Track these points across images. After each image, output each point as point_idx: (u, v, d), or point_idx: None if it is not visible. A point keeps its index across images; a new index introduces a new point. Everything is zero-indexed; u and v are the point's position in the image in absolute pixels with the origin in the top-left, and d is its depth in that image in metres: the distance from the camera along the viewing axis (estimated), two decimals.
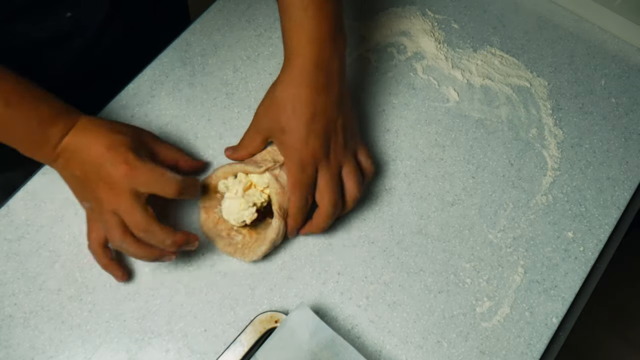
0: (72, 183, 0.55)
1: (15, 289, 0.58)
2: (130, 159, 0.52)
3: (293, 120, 0.55)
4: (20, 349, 0.56)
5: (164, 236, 0.53)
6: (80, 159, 0.53)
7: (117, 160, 0.52)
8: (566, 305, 0.60)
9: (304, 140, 0.55)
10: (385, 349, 0.57)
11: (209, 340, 0.57)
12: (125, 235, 0.53)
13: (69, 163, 0.54)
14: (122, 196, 0.52)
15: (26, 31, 0.62)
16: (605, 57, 0.74)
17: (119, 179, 0.52)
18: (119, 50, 0.74)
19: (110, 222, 0.53)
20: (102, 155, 0.52)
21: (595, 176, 0.66)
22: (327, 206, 0.57)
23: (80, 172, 0.53)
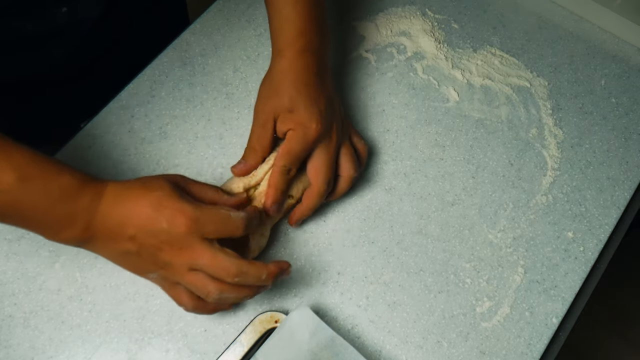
0: (126, 260, 0.50)
1: (15, 289, 0.58)
2: (186, 209, 0.47)
3: (300, 99, 0.56)
4: (20, 349, 0.56)
5: (259, 272, 0.49)
6: (127, 231, 0.47)
7: (172, 216, 0.47)
8: (566, 305, 0.60)
9: (310, 117, 0.56)
10: (385, 349, 0.57)
11: (209, 340, 0.57)
12: (220, 285, 0.48)
13: (114, 240, 0.48)
14: (196, 250, 0.47)
15: (20, 26, 0.62)
16: (605, 57, 0.74)
17: (183, 235, 0.47)
18: (117, 46, 0.74)
19: (196, 281, 0.48)
20: (153, 218, 0.47)
21: (595, 176, 0.66)
22: (320, 184, 0.57)
23: (134, 245, 0.48)
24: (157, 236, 0.47)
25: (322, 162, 0.57)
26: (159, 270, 0.49)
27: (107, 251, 0.50)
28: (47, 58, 0.67)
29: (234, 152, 0.65)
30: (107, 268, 0.59)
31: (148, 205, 0.47)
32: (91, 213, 0.48)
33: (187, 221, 0.47)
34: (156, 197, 0.48)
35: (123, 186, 0.49)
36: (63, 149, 0.64)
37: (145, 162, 0.64)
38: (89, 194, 0.48)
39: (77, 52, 0.69)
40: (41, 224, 0.48)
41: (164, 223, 0.47)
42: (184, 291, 0.50)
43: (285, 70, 0.57)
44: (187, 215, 0.47)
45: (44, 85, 0.71)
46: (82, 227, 0.48)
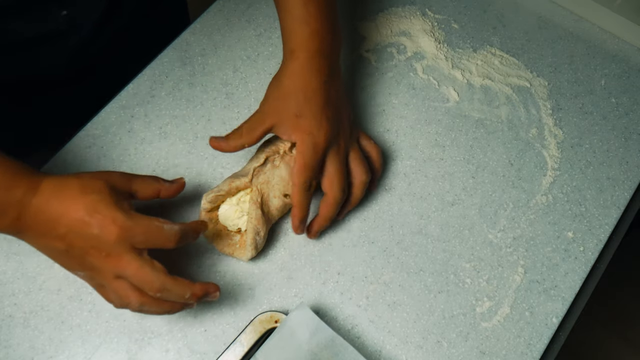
0: (54, 255, 0.50)
1: (15, 289, 0.58)
2: (119, 218, 0.47)
3: (307, 106, 0.55)
4: (20, 349, 0.56)
5: (182, 290, 0.49)
6: (58, 230, 0.47)
7: (104, 224, 0.46)
8: (566, 305, 0.60)
9: (318, 125, 0.55)
10: (385, 349, 0.57)
11: (209, 340, 0.57)
12: (142, 296, 0.48)
13: (44, 235, 0.48)
14: (124, 259, 0.47)
15: (20, 29, 0.62)
16: (605, 57, 0.74)
17: (113, 243, 0.47)
18: (117, 48, 0.74)
19: (120, 288, 0.48)
20: (85, 222, 0.47)
21: (595, 176, 0.66)
22: (336, 192, 0.57)
23: (62, 244, 0.48)
24: (87, 240, 0.47)
25: (334, 169, 0.57)
26: (85, 270, 0.49)
27: (38, 245, 0.50)
28: (47, 60, 0.67)
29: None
30: None
31: (82, 209, 0.47)
32: (23, 206, 0.47)
33: (118, 230, 0.47)
34: (91, 200, 0.47)
35: (60, 183, 0.48)
36: (63, 149, 0.64)
37: (145, 162, 0.64)
38: (23, 187, 0.47)
39: (77, 54, 0.69)
40: None
41: (95, 229, 0.47)
42: (110, 291, 0.50)
43: (296, 73, 0.56)
44: (119, 224, 0.47)
45: (44, 86, 0.71)
46: (12, 218, 0.47)
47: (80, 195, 0.47)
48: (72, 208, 0.47)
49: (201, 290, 0.50)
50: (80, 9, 0.64)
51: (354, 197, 0.60)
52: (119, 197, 0.49)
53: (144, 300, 0.48)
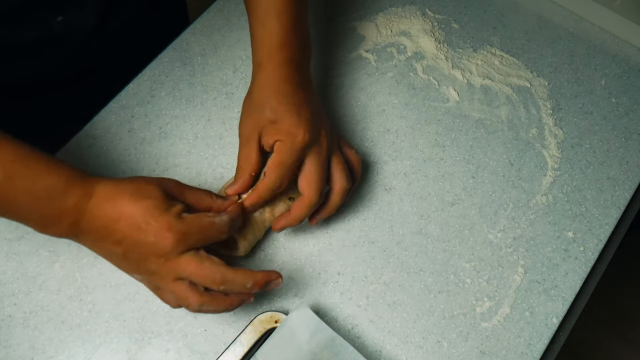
0: (113, 259, 0.50)
1: (15, 289, 0.58)
2: (173, 224, 0.47)
3: (281, 109, 0.53)
4: (20, 349, 0.56)
5: (245, 279, 0.49)
6: (114, 236, 0.48)
7: (160, 231, 0.47)
8: (566, 305, 0.60)
9: (296, 125, 0.53)
10: (385, 349, 0.57)
11: (209, 340, 0.57)
12: (202, 296, 0.48)
13: (101, 240, 0.49)
14: (182, 261, 0.47)
15: (16, 36, 0.62)
16: (606, 57, 0.74)
17: (170, 249, 0.47)
18: (116, 49, 0.74)
19: (179, 290, 0.48)
20: (141, 229, 0.47)
21: (595, 176, 0.66)
22: (312, 193, 0.54)
23: (119, 249, 0.48)
24: (144, 247, 0.47)
25: (313, 171, 0.54)
26: (143, 274, 0.50)
27: (96, 249, 0.50)
28: (46, 64, 0.67)
29: (234, 152, 0.65)
30: (107, 268, 0.59)
31: (137, 214, 0.47)
32: (79, 212, 0.48)
33: (175, 235, 0.47)
34: (146, 206, 0.47)
35: (114, 188, 0.49)
36: (63, 149, 0.64)
37: (145, 162, 0.64)
38: (77, 194, 0.47)
39: (75, 58, 0.69)
40: (27, 219, 0.48)
41: (151, 236, 0.47)
42: (167, 292, 0.50)
43: (264, 82, 0.55)
44: (175, 230, 0.47)
45: (42, 88, 0.71)
46: (68, 225, 0.48)
47: (134, 200, 0.48)
48: (126, 214, 0.47)
49: (263, 278, 0.50)
50: (76, 14, 0.64)
51: (331, 204, 0.57)
52: (171, 202, 0.49)
53: (204, 299, 0.49)
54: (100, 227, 0.48)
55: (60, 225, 0.48)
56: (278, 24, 0.55)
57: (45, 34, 0.63)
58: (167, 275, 0.48)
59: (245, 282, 0.49)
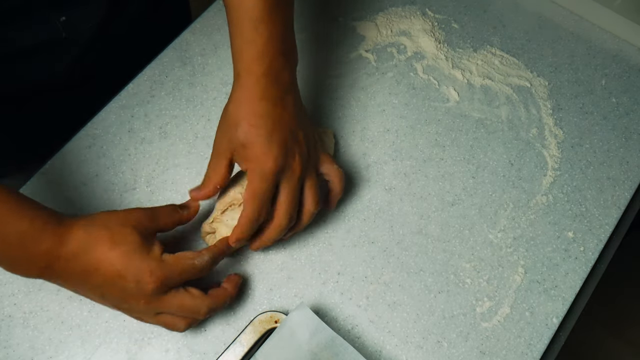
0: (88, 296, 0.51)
1: (14, 289, 0.58)
2: (154, 269, 0.48)
3: (252, 133, 0.52)
4: (19, 349, 0.56)
5: (223, 301, 0.53)
6: (92, 281, 0.48)
7: (140, 277, 0.48)
8: (566, 305, 0.60)
9: (266, 152, 0.52)
10: (385, 349, 0.57)
11: (208, 340, 0.57)
12: (188, 322, 0.51)
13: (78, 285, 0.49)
14: (164, 301, 0.49)
15: (19, 37, 0.62)
16: (606, 56, 0.74)
17: (151, 293, 0.48)
18: (118, 50, 0.74)
19: (165, 322, 0.51)
20: (121, 276, 0.47)
21: (595, 176, 0.66)
22: (282, 218, 0.54)
23: (99, 293, 0.49)
24: (124, 291, 0.48)
25: (284, 196, 0.54)
26: (123, 311, 0.51)
27: (70, 289, 0.50)
28: (48, 67, 0.67)
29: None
30: None
31: (116, 263, 0.47)
32: (51, 258, 0.47)
33: (155, 280, 0.48)
34: (124, 252, 0.48)
35: (88, 235, 0.48)
36: (63, 149, 0.64)
37: (145, 161, 0.64)
38: (49, 240, 0.47)
39: (77, 60, 0.69)
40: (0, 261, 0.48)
41: (132, 283, 0.48)
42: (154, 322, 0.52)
43: (240, 100, 0.53)
44: (155, 275, 0.48)
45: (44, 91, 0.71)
46: (38, 269, 0.48)
47: (111, 248, 0.48)
48: (105, 262, 0.47)
49: (233, 289, 0.55)
50: (79, 14, 0.64)
51: (301, 225, 0.57)
52: (149, 242, 0.50)
53: (193, 323, 0.52)
54: (76, 274, 0.48)
55: (30, 269, 0.48)
56: (256, 33, 0.53)
57: (48, 36, 0.63)
58: (149, 313, 0.50)
59: (224, 302, 0.53)
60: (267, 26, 0.53)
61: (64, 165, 0.63)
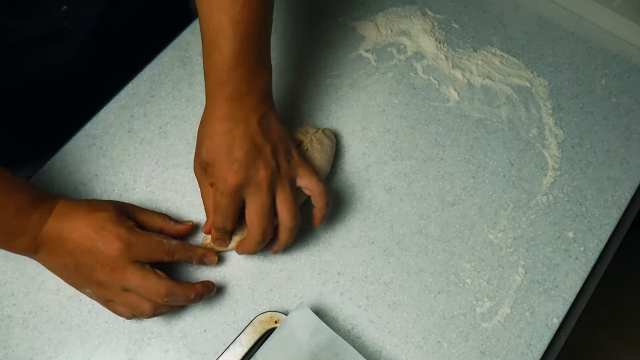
0: (64, 273, 0.54)
1: (14, 289, 0.58)
2: (122, 234, 0.51)
3: (214, 152, 0.54)
4: (19, 349, 0.56)
5: (187, 292, 0.54)
6: (67, 246, 0.51)
7: (108, 239, 0.51)
8: (567, 305, 0.60)
9: (227, 169, 0.53)
10: (385, 349, 0.57)
11: (208, 340, 0.57)
12: (154, 304, 0.53)
13: (55, 252, 0.52)
14: (127, 272, 0.51)
15: (21, 27, 0.61)
16: (606, 56, 0.74)
17: (117, 257, 0.51)
18: (118, 47, 0.74)
19: (130, 301, 0.52)
20: (91, 238, 0.51)
21: (595, 176, 0.66)
22: (256, 234, 0.55)
23: (71, 259, 0.52)
24: (93, 255, 0.51)
25: (253, 211, 0.54)
26: (92, 287, 0.53)
27: (50, 263, 0.53)
28: (49, 59, 0.67)
29: None
30: None
31: (89, 225, 0.51)
32: (39, 227, 0.51)
33: (121, 245, 0.51)
34: (98, 218, 0.52)
35: (71, 205, 0.53)
36: (62, 149, 0.64)
37: (145, 161, 0.64)
38: (40, 211, 0.51)
39: (78, 52, 0.69)
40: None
41: (99, 244, 0.51)
42: (118, 304, 0.54)
43: (206, 120, 0.55)
44: (122, 239, 0.51)
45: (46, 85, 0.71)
46: (29, 238, 0.51)
47: (88, 213, 0.52)
48: (80, 225, 0.51)
49: (203, 288, 0.55)
50: (80, 4, 0.64)
51: (280, 241, 0.57)
52: (124, 217, 0.54)
53: (157, 305, 0.53)
54: (54, 239, 0.52)
55: (21, 239, 0.51)
56: (220, 57, 0.53)
57: (50, 27, 0.63)
58: (115, 286, 0.52)
59: (188, 295, 0.54)
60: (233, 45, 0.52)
61: (63, 165, 0.63)
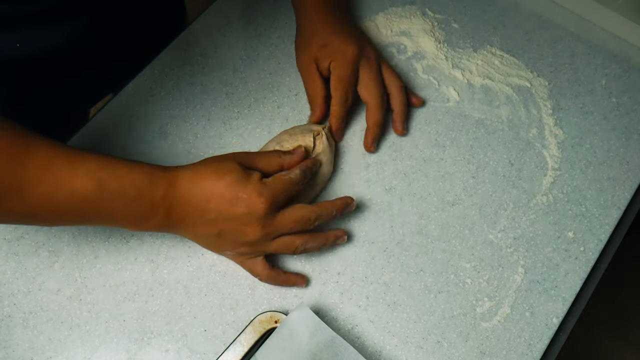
0: (207, 241, 0.54)
1: (14, 289, 0.58)
2: (261, 191, 0.51)
3: (328, 33, 0.63)
4: (19, 349, 0.56)
5: (329, 210, 0.55)
6: (207, 216, 0.51)
7: (252, 200, 0.51)
8: (567, 305, 0.60)
9: (344, 43, 0.62)
10: (385, 349, 0.57)
11: (208, 340, 0.57)
12: (304, 238, 0.55)
13: (194, 224, 0.52)
14: (277, 221, 0.52)
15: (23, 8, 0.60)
16: (606, 56, 0.74)
17: (264, 213, 0.51)
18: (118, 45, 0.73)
19: (282, 244, 0.54)
20: (233, 203, 0.50)
21: (595, 176, 0.66)
22: (375, 97, 0.63)
23: (215, 229, 0.52)
24: (238, 219, 0.51)
25: (369, 78, 0.63)
26: (239, 249, 0.54)
27: (192, 234, 0.53)
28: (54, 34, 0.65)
29: (233, 151, 0.65)
30: (107, 268, 0.59)
31: (224, 191, 0.50)
32: (168, 202, 0.50)
33: (265, 201, 0.51)
34: (230, 181, 0.51)
35: (194, 172, 0.52)
36: None
37: (144, 161, 0.64)
38: (163, 185, 0.50)
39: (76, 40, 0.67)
40: (125, 220, 0.50)
41: (244, 207, 0.50)
42: (259, 262, 0.55)
43: (308, 20, 0.65)
44: (264, 195, 0.51)
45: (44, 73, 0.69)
46: (162, 216, 0.51)
47: (217, 179, 0.51)
48: (215, 193, 0.50)
49: (342, 203, 0.57)
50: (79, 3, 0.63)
51: (397, 103, 0.65)
52: (249, 171, 0.53)
53: (306, 237, 0.55)
54: (192, 212, 0.51)
55: (154, 219, 0.51)
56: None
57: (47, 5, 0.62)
58: (265, 240, 0.53)
59: (330, 211, 0.55)
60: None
61: None
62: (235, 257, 0.56)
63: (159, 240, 0.61)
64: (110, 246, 0.60)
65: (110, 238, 0.61)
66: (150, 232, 0.61)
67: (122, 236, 0.61)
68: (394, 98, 0.65)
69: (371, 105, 0.63)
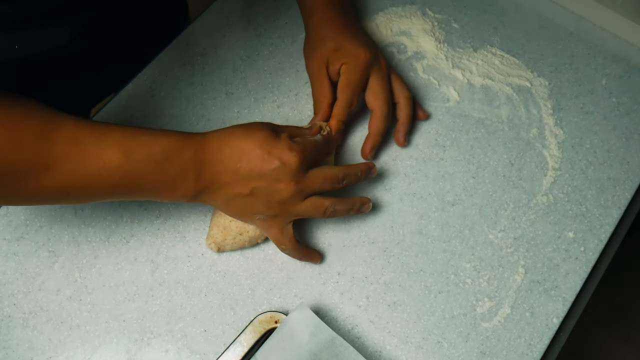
0: (237, 204, 0.53)
1: (14, 289, 0.58)
2: (292, 146, 0.52)
3: (342, 38, 0.62)
4: (19, 349, 0.56)
5: (355, 169, 0.56)
6: (240, 174, 0.51)
7: (284, 154, 0.51)
8: (567, 305, 0.60)
9: (357, 48, 0.61)
10: (385, 350, 0.57)
11: (208, 340, 0.57)
12: (333, 201, 0.55)
13: (227, 185, 0.51)
14: (308, 178, 0.52)
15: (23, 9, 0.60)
16: (606, 56, 0.74)
17: (297, 167, 0.51)
18: (118, 46, 0.73)
19: (312, 204, 0.54)
20: (264, 159, 0.50)
21: (596, 176, 0.66)
22: (381, 105, 0.62)
23: (247, 188, 0.51)
24: (271, 176, 0.51)
25: (378, 86, 0.62)
26: (270, 210, 0.53)
27: (220, 198, 0.52)
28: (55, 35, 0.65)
29: None
30: (107, 268, 0.59)
31: (257, 147, 0.50)
32: (198, 163, 0.50)
33: (297, 154, 0.51)
34: (260, 139, 0.51)
35: (223, 135, 0.52)
36: None
37: None
38: (191, 147, 0.50)
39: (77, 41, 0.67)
40: (156, 187, 0.50)
41: (276, 162, 0.50)
42: (288, 229, 0.55)
43: (319, 23, 0.63)
44: (296, 150, 0.51)
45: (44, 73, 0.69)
46: (193, 180, 0.50)
47: (247, 137, 0.51)
48: (246, 150, 0.50)
49: (365, 167, 0.58)
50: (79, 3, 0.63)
51: (403, 113, 0.64)
52: (276, 131, 0.53)
53: (334, 200, 0.55)
54: (223, 172, 0.51)
55: (186, 182, 0.50)
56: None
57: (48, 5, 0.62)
58: (297, 198, 0.52)
59: (356, 172, 0.57)
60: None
61: None
62: (266, 221, 0.54)
63: (159, 240, 0.61)
64: (110, 246, 0.60)
65: (110, 238, 0.61)
66: (150, 232, 0.61)
67: (122, 236, 0.61)
68: (401, 108, 0.64)
69: (376, 113, 0.62)
